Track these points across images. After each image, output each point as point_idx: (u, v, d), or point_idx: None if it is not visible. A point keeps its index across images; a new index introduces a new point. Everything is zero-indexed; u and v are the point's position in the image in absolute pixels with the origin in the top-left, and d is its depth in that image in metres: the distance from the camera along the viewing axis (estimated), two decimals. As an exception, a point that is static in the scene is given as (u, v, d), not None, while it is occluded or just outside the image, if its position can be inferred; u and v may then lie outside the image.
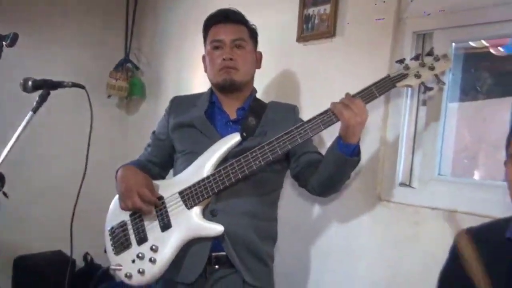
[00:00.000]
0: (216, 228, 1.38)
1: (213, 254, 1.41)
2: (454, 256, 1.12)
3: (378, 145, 1.65)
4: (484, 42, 1.80)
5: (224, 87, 1.50)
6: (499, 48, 1.91)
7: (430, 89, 1.35)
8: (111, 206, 1.54)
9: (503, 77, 1.97)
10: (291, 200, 1.87)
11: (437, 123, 1.57)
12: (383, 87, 1.30)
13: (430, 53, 1.31)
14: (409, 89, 1.57)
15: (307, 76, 1.88)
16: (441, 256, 1.14)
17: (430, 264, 1.17)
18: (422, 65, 1.30)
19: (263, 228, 1.48)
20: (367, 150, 1.65)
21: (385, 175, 1.64)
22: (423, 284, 1.19)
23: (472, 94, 1.92)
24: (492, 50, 1.92)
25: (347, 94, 1.30)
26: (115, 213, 1.50)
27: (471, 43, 1.72)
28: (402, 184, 1.62)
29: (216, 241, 1.41)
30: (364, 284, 1.66)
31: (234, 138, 1.41)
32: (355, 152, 1.33)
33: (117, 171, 1.51)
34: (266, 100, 1.61)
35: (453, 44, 1.53)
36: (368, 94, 1.29)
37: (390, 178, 1.63)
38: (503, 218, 1.06)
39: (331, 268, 1.77)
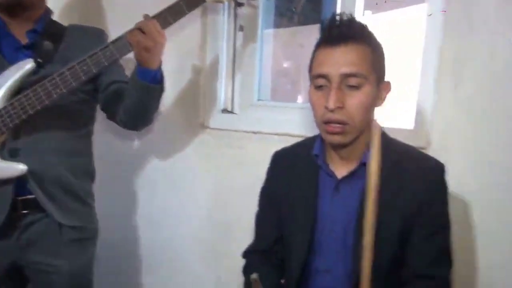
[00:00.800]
0: (15, 168, 1.26)
1: (20, 198, 1.31)
2: (270, 173, 1.23)
3: (198, 72, 1.66)
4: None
5: (5, 5, 1.30)
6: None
7: (241, 4, 1.38)
8: None
9: (315, 3, 2.12)
10: (108, 135, 1.81)
11: (254, 50, 1.64)
12: (192, 2, 1.26)
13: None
14: (225, 15, 1.60)
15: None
16: (264, 176, 1.24)
17: (255, 184, 1.27)
18: (231, -20, 1.31)
19: (77, 165, 1.41)
20: (187, 77, 1.66)
21: (206, 102, 1.68)
22: (248, 203, 1.30)
23: (287, 20, 2.04)
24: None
25: (145, 16, 1.24)
26: None
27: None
28: (224, 111, 1.69)
29: (20, 183, 1.29)
30: (194, 208, 1.74)
31: (26, 65, 1.26)
32: (158, 78, 1.30)
33: None
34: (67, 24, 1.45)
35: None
36: (176, 11, 1.25)
37: (212, 105, 1.68)
38: (312, 137, 1.18)
39: (160, 198, 1.81)
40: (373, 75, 1.00)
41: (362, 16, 1.48)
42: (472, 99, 1.24)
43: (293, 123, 1.53)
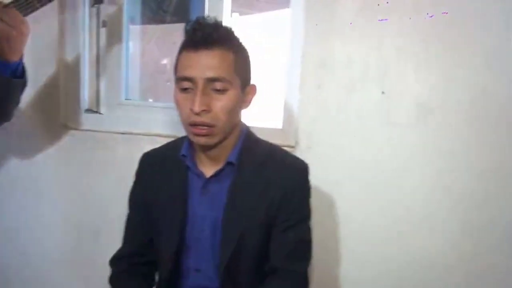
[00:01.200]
0: None
1: None
2: (138, 175, 1.20)
3: (57, 68, 1.56)
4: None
5: None
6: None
7: (100, 1, 1.32)
8: None
9: (184, 2, 2.10)
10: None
11: (119, 47, 1.58)
12: None
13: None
14: (86, 8, 1.53)
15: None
16: (132, 178, 1.20)
17: (123, 186, 1.22)
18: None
19: None
20: (45, 75, 1.56)
21: (68, 102, 1.59)
22: (116, 206, 1.25)
23: (158, 17, 1.99)
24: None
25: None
26: None
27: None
28: (88, 111, 1.61)
29: None
30: (57, 215, 1.64)
31: None
32: (19, 71, 1.19)
33: None
34: None
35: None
36: (26, 4, 1.15)
37: (75, 105, 1.59)
38: (181, 137, 1.18)
39: (16, 204, 1.68)
40: (238, 79, 1.03)
41: (229, 18, 1.51)
42: (332, 100, 1.33)
43: (163, 123, 1.51)
